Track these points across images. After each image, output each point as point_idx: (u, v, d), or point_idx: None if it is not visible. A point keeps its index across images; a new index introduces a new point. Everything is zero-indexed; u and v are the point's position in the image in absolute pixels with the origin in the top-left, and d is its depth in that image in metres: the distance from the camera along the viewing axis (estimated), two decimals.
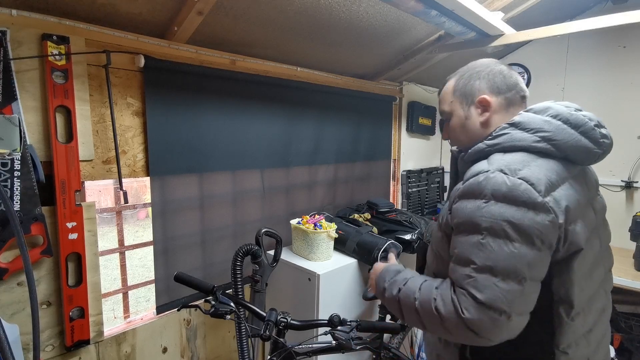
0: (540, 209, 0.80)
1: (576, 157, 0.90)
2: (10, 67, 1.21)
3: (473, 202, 0.85)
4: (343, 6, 1.67)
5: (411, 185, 2.96)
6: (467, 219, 0.85)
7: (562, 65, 2.65)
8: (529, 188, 0.81)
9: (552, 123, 0.89)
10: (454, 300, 0.83)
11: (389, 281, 1.01)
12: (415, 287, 0.93)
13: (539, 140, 0.88)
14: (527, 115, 0.93)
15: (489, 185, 0.83)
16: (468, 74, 1.01)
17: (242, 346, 1.47)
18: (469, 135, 1.01)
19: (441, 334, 0.88)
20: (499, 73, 0.98)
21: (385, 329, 1.28)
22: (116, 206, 1.66)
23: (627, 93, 2.42)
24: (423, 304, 0.88)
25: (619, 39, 2.43)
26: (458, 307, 0.81)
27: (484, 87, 0.98)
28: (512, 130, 0.91)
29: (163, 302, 1.69)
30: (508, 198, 0.81)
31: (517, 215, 0.80)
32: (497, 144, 0.92)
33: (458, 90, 1.02)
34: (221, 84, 1.78)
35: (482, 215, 0.83)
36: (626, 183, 2.40)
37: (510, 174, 0.83)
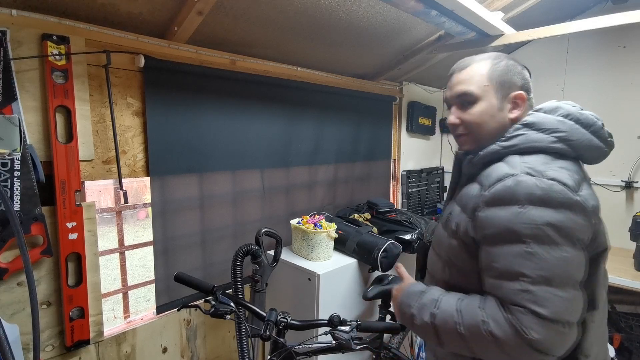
0: (577, 208, 0.78)
1: (589, 156, 0.89)
2: (10, 67, 1.21)
3: (506, 209, 0.79)
4: (343, 6, 1.67)
5: (411, 185, 2.96)
6: (505, 228, 0.79)
7: (562, 65, 2.65)
8: (563, 188, 0.78)
9: (566, 123, 0.87)
10: (510, 320, 0.76)
11: (417, 306, 0.91)
12: (452, 310, 0.85)
13: (556, 141, 0.85)
14: (539, 115, 0.90)
15: (521, 189, 0.79)
16: (503, 63, 0.93)
17: (242, 346, 1.47)
18: (497, 127, 0.92)
19: (497, 356, 0.80)
20: (526, 74, 0.95)
21: (385, 329, 1.28)
22: (116, 206, 1.66)
23: (627, 93, 2.42)
24: (470, 329, 0.80)
25: (619, 39, 2.43)
26: (519, 328, 0.75)
27: (519, 84, 0.93)
28: (528, 130, 0.88)
29: (163, 302, 1.69)
30: (545, 200, 0.77)
31: (557, 217, 0.76)
32: (512, 145, 0.88)
33: (495, 78, 0.92)
34: (221, 84, 1.78)
35: (521, 222, 0.77)
36: (626, 183, 2.40)
37: (539, 176, 0.79)
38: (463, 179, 1.01)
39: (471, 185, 0.92)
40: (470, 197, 0.89)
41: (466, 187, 0.95)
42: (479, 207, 0.85)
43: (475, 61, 0.95)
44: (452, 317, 0.84)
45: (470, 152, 0.95)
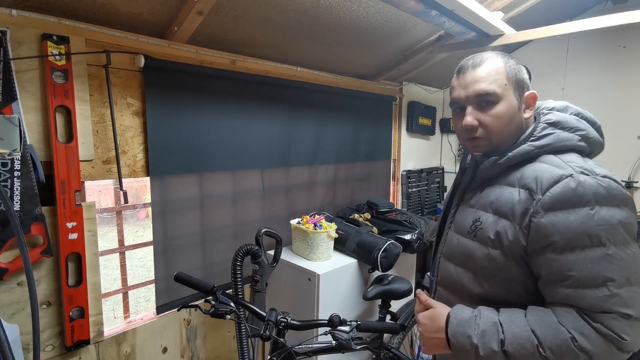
0: (632, 204, 0.78)
1: (597, 152, 0.91)
2: (10, 67, 1.21)
3: (576, 212, 0.75)
4: (343, 6, 1.67)
5: (411, 185, 2.96)
6: (579, 232, 0.74)
7: (562, 65, 2.65)
8: (618, 185, 0.77)
9: (582, 122, 0.87)
10: (600, 330, 0.72)
11: (477, 335, 0.80)
12: (526, 332, 0.77)
13: (580, 139, 0.85)
14: (559, 114, 0.88)
15: (587, 190, 0.75)
16: (513, 62, 0.89)
17: (242, 346, 1.47)
18: (515, 129, 0.88)
19: None
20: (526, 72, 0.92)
21: (385, 329, 1.28)
22: (116, 206, 1.66)
23: (627, 93, 2.42)
24: (556, 350, 0.74)
25: (619, 39, 2.42)
26: (613, 335, 0.71)
27: (529, 83, 0.90)
28: (555, 130, 0.85)
29: (163, 302, 1.69)
30: (609, 199, 0.75)
31: (623, 215, 0.75)
32: (545, 145, 0.84)
33: (512, 76, 0.87)
34: (221, 84, 1.78)
35: (597, 225, 0.74)
36: (626, 183, 2.40)
37: (593, 175, 0.77)
38: (476, 182, 0.95)
39: (501, 189, 0.87)
40: (514, 203, 0.82)
41: (489, 190, 0.89)
42: (537, 213, 0.78)
43: (488, 57, 0.88)
44: (529, 340, 0.76)
45: (491, 153, 0.90)
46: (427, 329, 0.90)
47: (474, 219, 0.90)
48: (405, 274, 2.29)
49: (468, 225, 0.91)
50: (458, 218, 0.96)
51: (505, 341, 0.77)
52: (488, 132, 0.87)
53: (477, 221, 0.89)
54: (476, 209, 0.91)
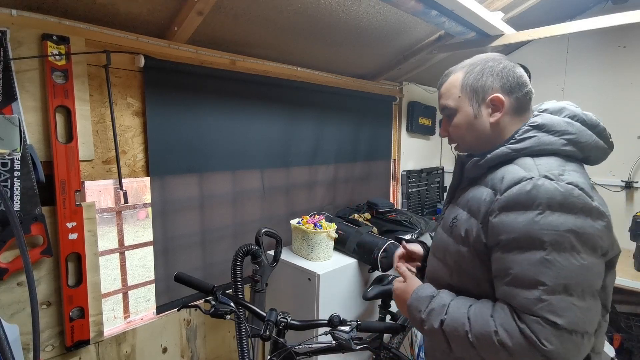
0: (595, 214, 0.76)
1: (594, 157, 0.89)
2: (10, 67, 1.21)
3: (524, 214, 0.76)
4: (343, 6, 1.67)
5: (411, 185, 2.96)
6: (523, 234, 0.76)
7: (562, 65, 2.65)
8: (582, 193, 0.76)
9: (574, 125, 0.86)
10: (523, 331, 0.74)
11: (426, 311, 0.88)
12: (463, 317, 0.82)
13: (567, 143, 0.84)
14: (548, 116, 0.87)
15: (541, 194, 0.75)
16: (479, 68, 0.92)
17: (242, 346, 1.47)
18: (476, 136, 0.93)
19: None
20: (511, 70, 0.91)
21: (385, 329, 1.28)
22: (116, 206, 1.66)
23: (627, 93, 2.42)
24: (480, 338, 0.78)
25: (619, 39, 2.43)
26: (534, 339, 0.72)
27: (497, 85, 0.90)
28: (538, 133, 0.85)
29: (163, 302, 1.69)
30: (565, 206, 0.74)
31: (578, 223, 0.74)
32: (524, 148, 0.85)
33: (468, 86, 0.92)
34: (221, 84, 1.78)
35: (541, 229, 0.74)
36: (626, 183, 2.40)
37: (557, 180, 0.77)
38: (464, 182, 0.99)
39: (478, 189, 0.90)
40: (481, 202, 0.86)
41: (471, 190, 0.92)
42: (493, 212, 0.81)
43: (452, 73, 0.96)
44: (462, 325, 0.81)
45: (475, 155, 0.94)
46: (398, 296, 1.02)
47: (454, 216, 0.95)
48: None
49: (448, 222, 0.96)
50: (445, 215, 1.02)
51: (445, 322, 0.84)
52: (454, 140, 0.97)
53: (454, 218, 0.94)
54: (458, 207, 0.95)
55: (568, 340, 0.72)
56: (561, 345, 0.71)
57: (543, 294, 0.73)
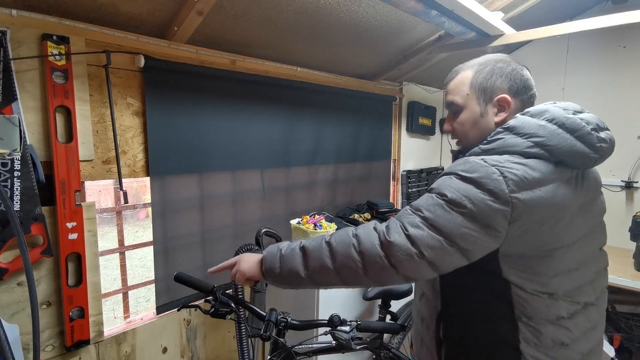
0: (501, 199, 0.82)
1: (571, 161, 0.89)
2: (10, 67, 1.21)
3: (447, 174, 0.90)
4: (343, 6, 1.67)
5: (411, 185, 2.96)
6: (438, 184, 0.90)
7: (562, 65, 2.65)
8: (500, 179, 0.82)
9: (547, 127, 0.87)
10: (378, 227, 0.90)
11: (285, 247, 1.01)
12: (319, 238, 0.97)
13: (532, 146, 0.87)
14: (522, 119, 0.91)
15: (462, 165, 0.87)
16: (489, 68, 0.96)
17: (242, 346, 1.47)
18: (480, 133, 0.97)
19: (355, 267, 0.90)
20: (519, 73, 0.96)
21: (385, 329, 1.28)
22: (116, 206, 1.66)
23: (627, 93, 2.42)
24: (339, 239, 0.93)
25: (618, 39, 2.42)
26: (382, 229, 0.88)
27: (505, 87, 0.95)
28: (507, 135, 0.90)
29: (163, 302, 1.69)
30: (475, 181, 0.84)
31: (477, 196, 0.83)
32: (491, 149, 0.90)
33: (477, 85, 0.96)
34: (221, 84, 1.78)
35: (448, 185, 0.87)
36: (626, 183, 2.40)
37: (488, 164, 0.85)
38: None
39: None
40: None
41: None
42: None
43: (461, 70, 0.99)
44: (320, 241, 0.95)
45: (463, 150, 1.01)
46: (243, 265, 1.07)
47: None
48: None
49: None
50: None
51: (306, 245, 0.97)
52: (457, 136, 1.02)
53: None
54: None
55: (405, 244, 0.85)
56: (399, 242, 0.85)
57: (415, 216, 0.87)
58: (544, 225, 0.86)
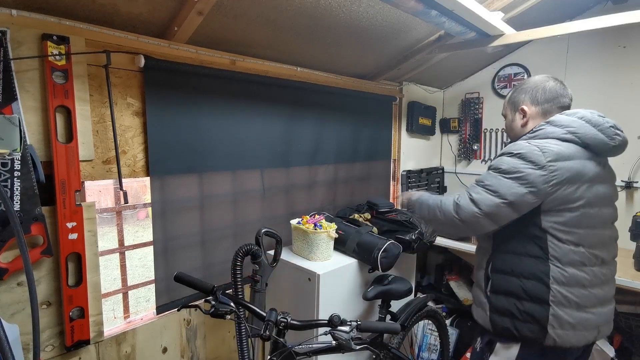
0: (540, 165, 1.19)
1: (595, 147, 1.25)
2: (10, 67, 1.21)
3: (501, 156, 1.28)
4: (343, 6, 1.67)
5: (411, 186, 2.96)
6: (494, 163, 1.29)
7: (562, 65, 2.65)
8: (540, 152, 1.20)
9: (578, 122, 1.26)
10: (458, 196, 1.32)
11: (428, 200, 1.45)
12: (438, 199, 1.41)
13: (566, 133, 1.25)
14: (559, 116, 1.30)
15: (514, 147, 1.25)
16: (519, 88, 1.41)
17: (242, 346, 1.47)
18: (514, 132, 1.44)
19: (442, 220, 1.37)
20: (542, 89, 1.36)
21: (385, 329, 1.28)
22: (116, 206, 1.66)
23: (627, 93, 2.41)
24: (438, 204, 1.39)
25: (618, 39, 2.42)
26: (456, 199, 1.31)
27: (527, 100, 1.38)
28: (547, 126, 1.29)
29: (163, 302, 1.69)
30: (522, 155, 1.22)
31: (523, 166, 1.21)
32: (534, 136, 1.30)
33: (509, 100, 1.45)
34: (221, 84, 1.78)
35: (500, 162, 1.26)
36: (626, 183, 2.40)
37: (531, 144, 1.24)
38: None
39: None
40: None
41: None
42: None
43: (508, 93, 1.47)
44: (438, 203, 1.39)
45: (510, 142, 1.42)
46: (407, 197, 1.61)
47: None
48: (405, 274, 2.29)
49: None
50: None
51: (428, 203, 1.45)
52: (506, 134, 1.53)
53: None
54: None
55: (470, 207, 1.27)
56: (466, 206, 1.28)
57: (477, 186, 1.29)
58: (572, 187, 1.20)
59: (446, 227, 1.38)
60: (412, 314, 2.03)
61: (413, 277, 2.47)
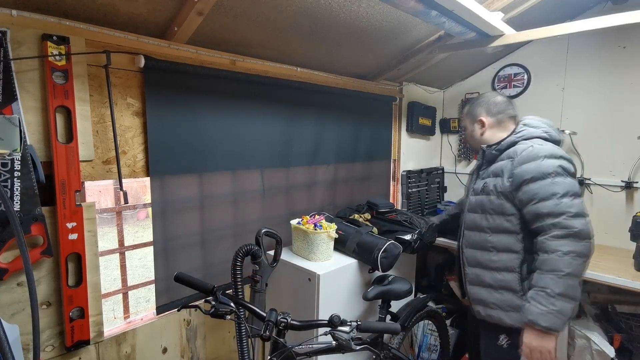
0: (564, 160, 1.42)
1: (558, 143, 1.51)
2: (11, 68, 1.21)
3: (533, 162, 1.40)
4: (343, 6, 1.67)
5: (411, 186, 2.96)
6: (537, 171, 1.38)
7: (562, 65, 2.65)
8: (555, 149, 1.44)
9: (542, 122, 1.56)
10: (554, 232, 1.34)
11: (557, 301, 1.31)
12: (556, 270, 1.32)
13: (543, 133, 1.51)
14: (527, 119, 1.58)
15: (541, 151, 1.41)
16: (474, 103, 1.67)
17: (242, 346, 1.47)
18: (474, 140, 1.69)
19: (571, 257, 1.33)
20: (494, 102, 1.62)
21: (385, 329, 1.28)
22: (116, 206, 1.66)
23: (627, 93, 2.41)
24: (567, 274, 1.31)
25: (618, 40, 2.42)
26: (571, 231, 1.32)
27: (484, 112, 1.64)
28: (527, 128, 1.54)
29: (163, 302, 1.69)
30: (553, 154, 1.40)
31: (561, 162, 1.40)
32: (521, 135, 1.52)
33: (468, 114, 1.70)
34: (221, 84, 1.78)
35: (546, 165, 1.38)
36: (626, 183, 2.40)
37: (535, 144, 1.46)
38: (485, 163, 1.62)
39: (498, 163, 1.54)
40: (503, 167, 1.49)
41: (492, 166, 1.56)
42: (515, 167, 1.43)
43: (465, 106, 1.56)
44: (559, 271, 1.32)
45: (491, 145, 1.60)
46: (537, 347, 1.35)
47: (483, 183, 1.58)
48: (405, 274, 2.29)
49: (479, 188, 1.59)
50: (474, 186, 1.64)
51: (561, 288, 1.31)
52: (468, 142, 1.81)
53: (484, 184, 1.57)
54: (484, 178, 1.59)
55: (580, 220, 1.33)
56: (582, 225, 1.32)
57: (556, 199, 1.34)
58: None
59: (589, 258, 1.34)
60: (412, 314, 2.03)
61: (413, 278, 2.47)
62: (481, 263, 1.57)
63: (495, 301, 1.52)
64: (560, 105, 2.66)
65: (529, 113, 1.70)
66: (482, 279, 1.57)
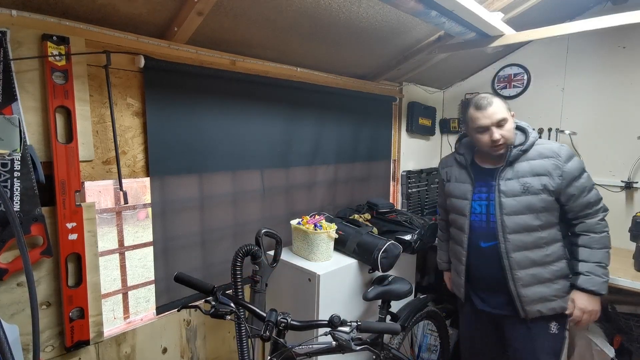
0: None
1: None
2: (10, 68, 1.21)
3: (575, 160, 1.53)
4: (343, 6, 1.67)
5: (411, 186, 2.96)
6: (580, 167, 1.53)
7: (562, 65, 2.65)
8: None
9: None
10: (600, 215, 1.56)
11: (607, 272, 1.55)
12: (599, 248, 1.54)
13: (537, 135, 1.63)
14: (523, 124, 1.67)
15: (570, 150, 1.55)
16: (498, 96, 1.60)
17: (242, 346, 1.46)
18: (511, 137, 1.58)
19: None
20: None
21: (386, 329, 1.28)
22: (116, 206, 1.66)
23: (627, 93, 2.41)
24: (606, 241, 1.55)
25: (618, 40, 2.42)
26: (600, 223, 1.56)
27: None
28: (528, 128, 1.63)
29: (163, 302, 1.69)
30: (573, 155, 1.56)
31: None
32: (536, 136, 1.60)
33: (506, 105, 1.57)
34: (221, 85, 1.78)
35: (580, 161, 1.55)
36: (626, 183, 2.40)
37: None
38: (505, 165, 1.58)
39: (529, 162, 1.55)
40: (547, 165, 1.53)
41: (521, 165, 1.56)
42: (563, 165, 1.51)
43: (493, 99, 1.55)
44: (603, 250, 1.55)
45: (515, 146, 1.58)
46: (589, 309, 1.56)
47: (521, 184, 1.55)
48: (405, 274, 2.29)
49: (517, 189, 1.55)
50: (504, 189, 1.57)
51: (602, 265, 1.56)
52: (505, 140, 1.55)
53: (525, 184, 1.54)
54: (517, 178, 1.56)
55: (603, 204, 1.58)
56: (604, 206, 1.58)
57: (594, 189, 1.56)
58: None
59: None
60: (412, 315, 2.03)
61: (413, 278, 2.47)
62: (536, 262, 1.56)
63: (555, 292, 1.57)
64: (560, 105, 2.66)
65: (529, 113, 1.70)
66: (539, 277, 1.56)
